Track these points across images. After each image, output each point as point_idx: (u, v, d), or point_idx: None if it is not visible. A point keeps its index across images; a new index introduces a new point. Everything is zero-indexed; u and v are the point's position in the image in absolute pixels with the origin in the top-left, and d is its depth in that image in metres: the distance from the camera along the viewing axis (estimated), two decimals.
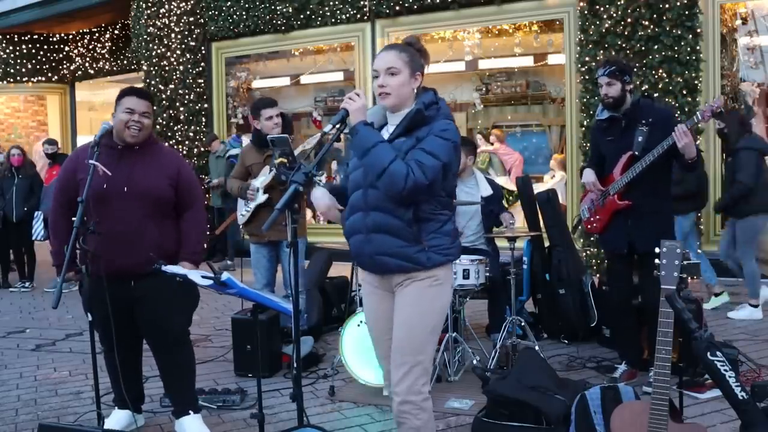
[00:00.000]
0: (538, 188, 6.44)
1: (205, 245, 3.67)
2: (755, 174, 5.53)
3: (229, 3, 10.05)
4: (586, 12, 7.46)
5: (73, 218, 3.09)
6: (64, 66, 13.74)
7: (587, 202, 4.35)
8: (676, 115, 5.87)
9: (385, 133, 2.62)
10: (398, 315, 2.60)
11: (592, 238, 7.24)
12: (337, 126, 2.53)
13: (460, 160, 3.35)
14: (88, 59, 13.41)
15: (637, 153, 4.00)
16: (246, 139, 10.70)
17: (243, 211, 4.81)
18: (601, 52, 7.33)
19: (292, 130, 4.91)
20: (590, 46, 7.43)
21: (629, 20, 7.17)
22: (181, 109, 10.45)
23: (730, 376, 2.46)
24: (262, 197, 4.69)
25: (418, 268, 2.54)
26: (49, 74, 13.71)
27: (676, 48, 6.99)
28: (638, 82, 6.94)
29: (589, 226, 4.36)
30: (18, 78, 13.51)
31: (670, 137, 3.79)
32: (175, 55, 10.43)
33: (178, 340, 3.51)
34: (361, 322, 4.11)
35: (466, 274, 4.28)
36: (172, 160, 3.49)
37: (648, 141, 3.95)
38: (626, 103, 4.10)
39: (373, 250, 2.56)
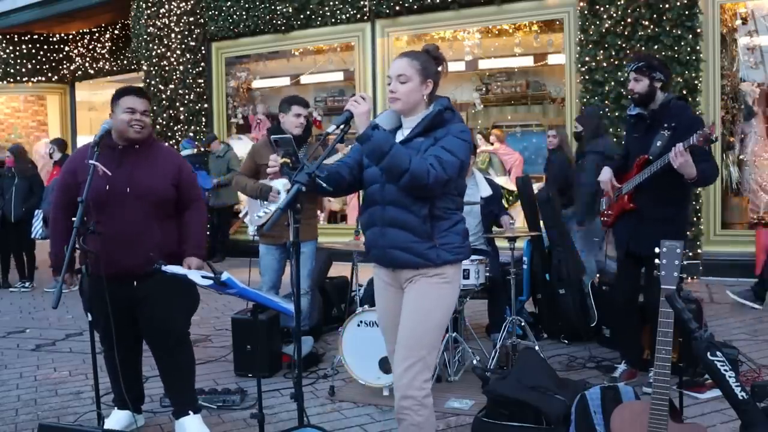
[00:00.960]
0: (538, 188, 6.43)
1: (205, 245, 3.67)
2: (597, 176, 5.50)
3: (229, 3, 10.04)
4: (586, 12, 7.45)
5: (73, 218, 3.09)
6: (64, 66, 13.74)
7: (607, 195, 4.33)
8: None
9: (400, 136, 2.69)
10: (405, 310, 2.64)
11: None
12: (341, 127, 2.55)
13: None
14: (88, 59, 13.41)
15: (651, 157, 3.89)
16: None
17: (261, 212, 4.67)
18: (601, 52, 7.33)
19: (311, 133, 4.89)
20: (590, 46, 7.42)
21: (629, 20, 7.17)
22: (181, 109, 10.45)
23: (730, 376, 2.46)
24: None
25: (428, 264, 2.59)
26: (49, 74, 13.72)
27: (676, 48, 6.99)
28: None
29: (602, 218, 4.38)
30: (18, 78, 13.52)
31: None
32: (175, 55, 10.42)
33: (179, 340, 3.51)
34: (361, 322, 4.11)
35: (466, 274, 4.27)
36: (172, 159, 3.51)
37: (666, 147, 3.78)
38: (655, 102, 3.95)
39: (386, 244, 2.62)
